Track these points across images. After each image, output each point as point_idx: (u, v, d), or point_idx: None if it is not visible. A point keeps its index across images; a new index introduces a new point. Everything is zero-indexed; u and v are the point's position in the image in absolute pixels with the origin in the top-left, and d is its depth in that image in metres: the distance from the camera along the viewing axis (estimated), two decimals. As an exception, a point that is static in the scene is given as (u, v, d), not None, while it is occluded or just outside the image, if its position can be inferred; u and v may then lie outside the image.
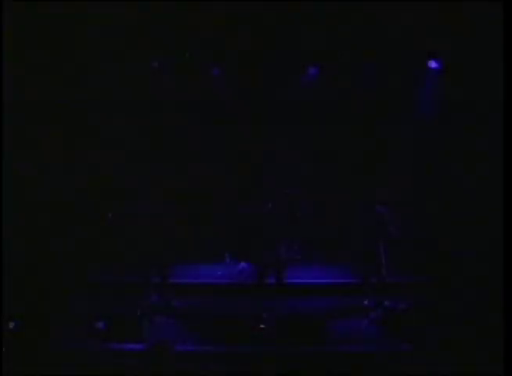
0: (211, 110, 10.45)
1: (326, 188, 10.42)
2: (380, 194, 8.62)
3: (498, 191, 6.35)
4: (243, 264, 9.18)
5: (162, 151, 10.51)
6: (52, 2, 8.31)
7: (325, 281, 8.94)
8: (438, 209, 9.62)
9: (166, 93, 10.14)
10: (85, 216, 9.67)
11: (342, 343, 6.81)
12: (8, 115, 7.43)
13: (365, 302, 7.87)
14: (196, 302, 8.19)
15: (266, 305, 7.61)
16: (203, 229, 10.26)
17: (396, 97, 10.03)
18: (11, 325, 6.40)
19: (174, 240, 9.09)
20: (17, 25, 8.05)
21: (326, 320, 7.44)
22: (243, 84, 10.23)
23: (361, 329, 7.33)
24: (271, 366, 6.20)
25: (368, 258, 8.22)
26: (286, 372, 6.14)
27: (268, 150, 10.71)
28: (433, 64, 9.62)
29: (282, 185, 10.00)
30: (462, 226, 8.92)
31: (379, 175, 10.04)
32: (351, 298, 8.15)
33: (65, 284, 8.15)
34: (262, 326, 7.25)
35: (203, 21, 8.73)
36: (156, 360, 5.53)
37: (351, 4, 8.42)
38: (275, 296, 7.92)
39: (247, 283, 8.75)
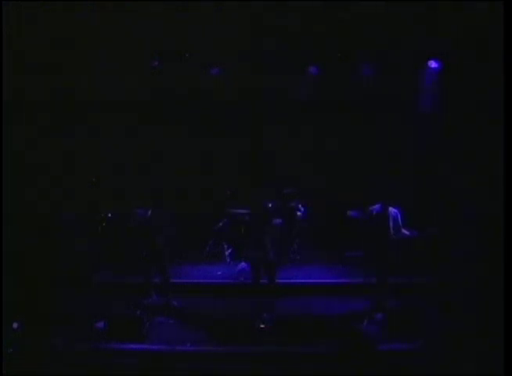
0: (211, 109, 10.47)
1: (326, 188, 10.42)
2: (379, 194, 8.60)
3: (498, 191, 6.35)
4: (243, 264, 9.17)
5: (162, 151, 10.52)
6: (52, 2, 8.31)
7: (325, 281, 8.94)
8: (438, 209, 9.61)
9: (165, 92, 10.15)
10: (85, 216, 9.67)
11: (343, 343, 6.79)
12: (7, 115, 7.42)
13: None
14: (196, 302, 8.19)
15: (266, 305, 7.60)
16: (202, 229, 10.25)
17: (396, 97, 10.03)
18: (14, 325, 6.38)
19: (174, 239, 9.08)
20: (16, 24, 8.06)
21: (326, 320, 7.43)
22: (243, 84, 10.23)
23: (361, 329, 7.32)
24: (271, 366, 6.20)
25: (368, 258, 8.20)
26: (286, 372, 6.14)
27: (268, 150, 10.72)
28: (433, 64, 9.63)
29: (281, 185, 9.99)
30: (462, 226, 8.92)
31: (379, 174, 10.04)
32: (351, 298, 8.15)
33: (65, 284, 8.13)
34: (262, 326, 7.25)
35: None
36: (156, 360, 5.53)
37: (352, 4, 8.42)
38: (274, 296, 7.90)
39: (247, 283, 8.73)
